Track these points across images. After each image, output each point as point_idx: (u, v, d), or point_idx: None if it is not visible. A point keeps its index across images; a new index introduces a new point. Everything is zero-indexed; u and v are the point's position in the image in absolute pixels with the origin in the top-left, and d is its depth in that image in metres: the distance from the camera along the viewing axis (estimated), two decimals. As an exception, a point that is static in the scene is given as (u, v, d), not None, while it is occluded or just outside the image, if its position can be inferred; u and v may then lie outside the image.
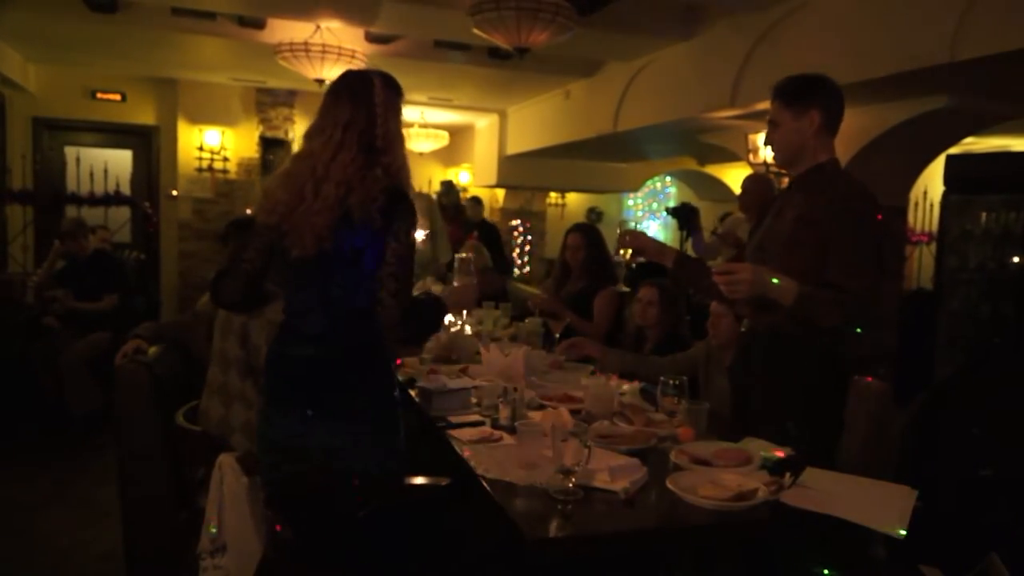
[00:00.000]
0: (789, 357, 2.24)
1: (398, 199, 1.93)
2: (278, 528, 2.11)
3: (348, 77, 2.04)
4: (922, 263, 7.88)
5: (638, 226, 3.21)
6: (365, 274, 1.94)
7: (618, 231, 2.65)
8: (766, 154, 5.90)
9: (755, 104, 5.27)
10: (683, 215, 5.28)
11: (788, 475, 1.85)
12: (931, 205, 7.69)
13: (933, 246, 7.18)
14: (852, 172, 2.56)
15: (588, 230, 4.29)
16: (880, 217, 2.19)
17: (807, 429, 2.19)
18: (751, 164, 6.36)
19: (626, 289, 2.82)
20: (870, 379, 2.66)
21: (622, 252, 2.61)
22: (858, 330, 2.21)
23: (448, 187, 7.17)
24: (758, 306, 2.34)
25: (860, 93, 4.62)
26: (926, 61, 4.06)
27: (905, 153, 5.44)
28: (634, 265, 6.17)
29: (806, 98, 2.29)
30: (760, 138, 5.92)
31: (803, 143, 2.30)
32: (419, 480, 2.22)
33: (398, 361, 3.12)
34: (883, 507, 1.74)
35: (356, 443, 1.95)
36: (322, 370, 1.98)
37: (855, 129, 5.06)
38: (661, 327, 3.53)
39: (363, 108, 1.96)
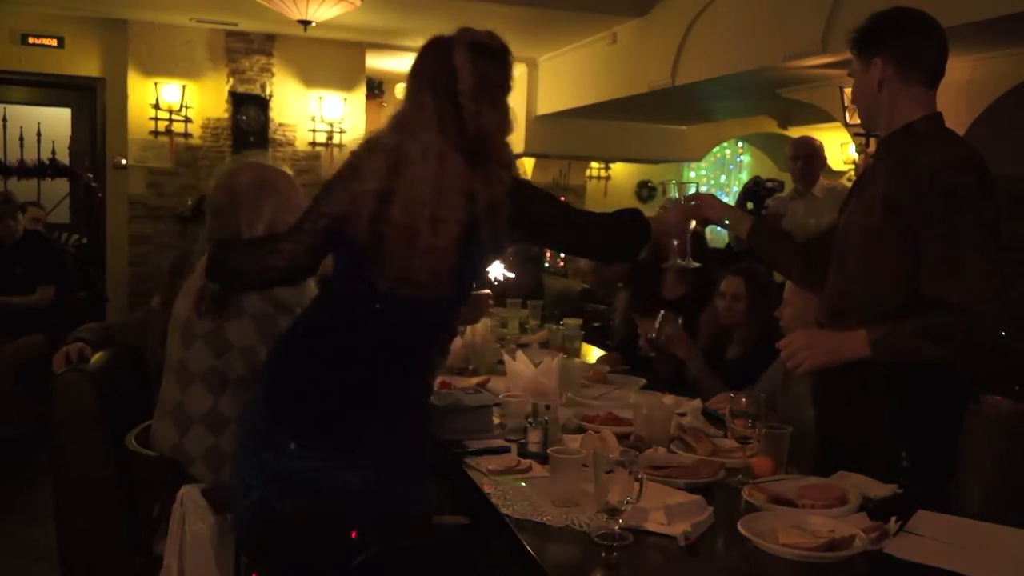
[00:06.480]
0: (885, 370, 2.22)
1: (518, 191, 2.02)
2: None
3: (425, 57, 2.08)
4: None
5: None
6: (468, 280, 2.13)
7: (674, 193, 2.57)
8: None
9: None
10: (753, 194, 5.19)
11: (893, 520, 1.85)
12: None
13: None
14: (978, 135, 2.52)
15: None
16: (992, 187, 2.13)
17: (916, 461, 2.18)
18: (848, 126, 6.30)
19: (695, 264, 2.69)
20: (999, 397, 2.63)
21: None
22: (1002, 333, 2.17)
23: None
24: (832, 311, 2.32)
25: (992, 33, 4.54)
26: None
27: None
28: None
29: (869, 42, 2.29)
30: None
31: (873, 100, 2.30)
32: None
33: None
34: (1016, 562, 1.73)
35: (383, 481, 1.99)
36: (370, 391, 2.02)
37: (981, 79, 4.98)
38: (750, 328, 3.46)
39: (448, 102, 1.99)
